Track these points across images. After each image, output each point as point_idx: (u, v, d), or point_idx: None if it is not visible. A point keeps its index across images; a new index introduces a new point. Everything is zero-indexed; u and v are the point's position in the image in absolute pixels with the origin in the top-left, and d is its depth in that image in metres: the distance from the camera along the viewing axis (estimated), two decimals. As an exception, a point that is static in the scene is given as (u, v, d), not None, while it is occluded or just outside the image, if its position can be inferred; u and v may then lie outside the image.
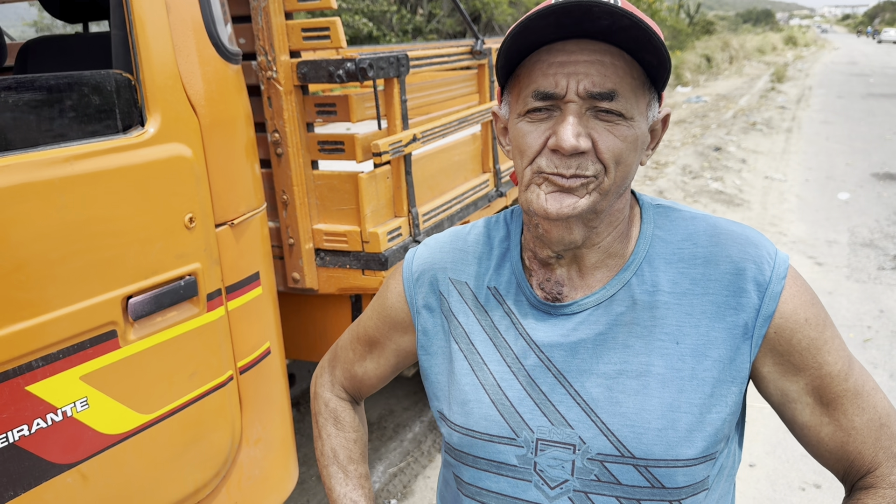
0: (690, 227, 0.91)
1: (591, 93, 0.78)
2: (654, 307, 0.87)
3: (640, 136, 0.83)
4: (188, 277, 1.56)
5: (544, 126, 0.81)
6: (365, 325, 1.11)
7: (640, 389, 0.85)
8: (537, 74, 0.80)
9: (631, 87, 0.80)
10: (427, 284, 1.01)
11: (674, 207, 0.95)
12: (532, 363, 0.90)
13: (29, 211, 1.26)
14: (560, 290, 0.91)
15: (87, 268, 1.36)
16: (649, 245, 0.91)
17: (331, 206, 2.29)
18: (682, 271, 0.88)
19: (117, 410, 1.44)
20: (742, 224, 0.92)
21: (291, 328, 2.49)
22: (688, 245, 0.89)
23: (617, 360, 0.87)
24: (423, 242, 1.07)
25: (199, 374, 1.61)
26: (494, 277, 0.97)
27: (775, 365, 0.87)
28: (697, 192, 7.71)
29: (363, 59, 2.12)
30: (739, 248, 0.87)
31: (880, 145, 10.61)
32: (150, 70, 1.47)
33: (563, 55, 0.79)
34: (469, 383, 0.94)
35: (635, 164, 0.84)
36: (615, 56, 0.79)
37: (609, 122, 0.80)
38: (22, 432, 1.27)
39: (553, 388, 0.89)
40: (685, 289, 0.87)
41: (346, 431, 1.13)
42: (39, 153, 1.29)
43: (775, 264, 0.86)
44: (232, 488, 1.77)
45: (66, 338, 1.33)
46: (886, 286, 4.97)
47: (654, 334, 0.87)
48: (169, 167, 1.51)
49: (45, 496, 1.33)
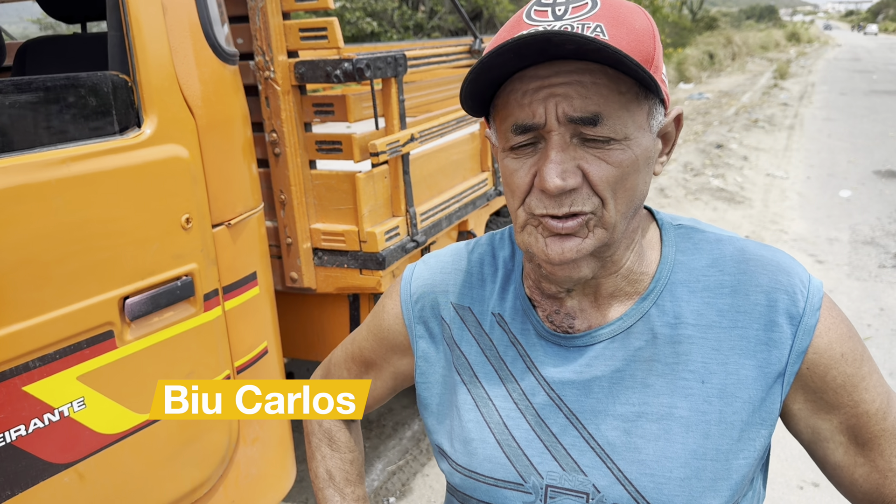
0: (716, 251, 0.82)
1: (571, 118, 0.70)
2: (676, 342, 0.79)
3: (642, 154, 0.74)
4: (185, 278, 1.56)
5: (531, 162, 0.73)
6: (360, 344, 1.03)
7: (661, 434, 0.78)
8: (513, 106, 0.72)
9: (620, 104, 0.71)
10: (428, 308, 0.93)
11: (697, 228, 0.86)
12: (541, 401, 0.82)
13: (26, 212, 1.27)
14: (572, 322, 0.83)
15: (83, 269, 1.37)
16: (670, 271, 0.82)
17: (328, 205, 2.29)
18: (708, 301, 0.80)
19: (114, 410, 1.44)
20: (772, 247, 0.84)
21: (290, 327, 2.50)
22: (713, 272, 0.81)
23: (636, 400, 0.79)
24: (422, 260, 0.99)
25: (195, 373, 1.62)
26: (499, 303, 0.89)
27: (807, 402, 0.80)
28: (699, 189, 7.70)
29: (360, 59, 2.12)
30: (770, 277, 0.79)
31: (882, 142, 10.58)
32: (146, 71, 1.48)
33: (536, 81, 0.70)
34: (472, 420, 0.86)
35: (642, 183, 0.76)
36: (595, 73, 0.69)
37: (599, 148, 0.71)
38: (19, 432, 1.28)
39: (564, 430, 0.81)
40: (711, 321, 0.79)
41: (342, 452, 1.07)
42: (36, 154, 1.30)
43: (809, 294, 0.78)
44: (229, 487, 1.78)
45: (64, 338, 1.34)
46: (887, 284, 4.96)
47: (678, 372, 0.79)
48: (165, 168, 1.52)
49: (42, 496, 1.34)
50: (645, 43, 0.71)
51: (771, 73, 23.09)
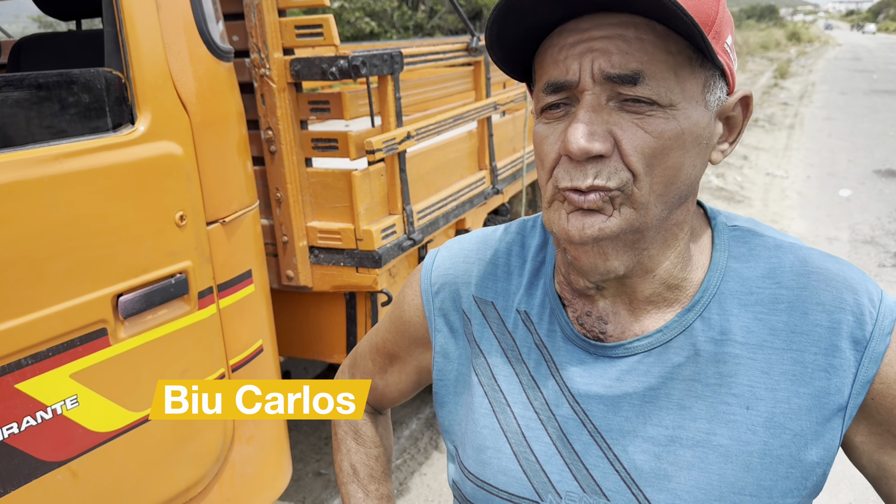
0: (774, 260, 0.73)
1: (608, 74, 0.61)
2: (721, 361, 0.70)
3: (691, 129, 0.64)
4: (179, 275, 1.56)
5: (561, 127, 0.66)
6: (383, 336, 0.97)
7: (696, 463, 0.69)
8: (548, 62, 0.65)
9: (667, 66, 0.62)
10: (449, 300, 0.86)
11: (755, 232, 0.76)
12: (565, 414, 0.75)
13: (18, 209, 1.27)
14: (604, 327, 0.75)
15: (77, 266, 1.36)
16: (721, 279, 0.73)
17: (325, 203, 2.29)
18: (761, 317, 0.71)
19: (108, 408, 1.44)
20: (840, 259, 0.74)
21: (286, 326, 2.49)
22: (769, 284, 0.72)
23: (670, 423, 0.71)
24: (444, 245, 0.91)
25: (190, 371, 1.62)
26: (525, 299, 0.80)
27: (871, 435, 0.71)
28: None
29: (356, 57, 2.12)
30: (834, 294, 0.70)
31: (883, 142, 10.57)
32: (140, 68, 1.47)
33: (575, 35, 0.63)
34: (488, 426, 0.79)
35: (689, 165, 0.66)
36: (641, 28, 0.61)
37: (638, 113, 0.63)
38: (12, 430, 1.28)
39: (587, 449, 0.73)
40: (762, 340, 0.70)
41: (367, 447, 1.02)
42: (29, 151, 1.29)
43: (879, 315, 0.69)
44: (224, 486, 1.77)
45: (56, 336, 1.33)
46: (887, 283, 4.96)
47: (720, 395, 0.70)
48: (159, 165, 1.51)
49: (35, 494, 1.33)
50: (707, 4, 0.63)
51: (771, 72, 23.08)
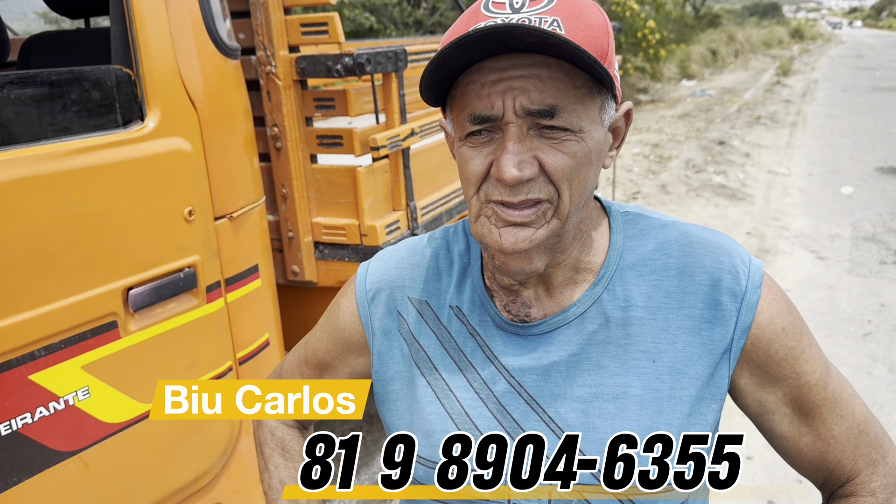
0: (661, 236, 0.86)
1: (528, 110, 0.72)
2: (627, 324, 0.83)
3: (595, 147, 0.77)
4: (188, 269, 1.58)
5: (486, 150, 0.75)
6: (314, 346, 1.02)
7: (617, 413, 0.81)
8: (471, 96, 0.74)
9: (575, 98, 0.73)
10: (384, 304, 0.94)
11: (642, 214, 0.90)
12: (502, 389, 0.85)
13: (31, 204, 1.29)
14: (528, 311, 0.86)
15: (88, 260, 1.39)
16: (619, 257, 0.86)
17: (329, 199, 2.31)
18: (656, 284, 0.84)
19: (118, 399, 1.47)
20: (713, 230, 0.88)
21: (291, 320, 2.51)
22: (659, 255, 0.85)
23: (592, 382, 0.82)
24: (376, 256, 0.99)
25: (198, 364, 1.64)
26: (456, 296, 0.90)
27: (752, 377, 0.84)
28: (700, 186, 7.70)
29: (361, 54, 2.14)
30: (713, 258, 0.83)
31: (885, 139, 10.56)
32: (149, 65, 1.50)
33: (495, 73, 0.72)
34: (434, 412, 0.87)
35: (593, 175, 0.79)
36: (552, 67, 0.72)
37: (555, 139, 0.74)
38: (25, 420, 1.31)
39: (525, 415, 0.83)
40: (659, 302, 0.83)
41: (297, 461, 1.03)
42: (41, 147, 1.32)
43: (750, 273, 0.82)
44: (232, 477, 1.80)
45: (68, 328, 1.36)
46: (888, 280, 4.97)
47: (630, 353, 0.82)
48: (168, 161, 1.54)
49: (47, 483, 1.36)
50: (600, 38, 0.74)
51: (774, 69, 23.04)
